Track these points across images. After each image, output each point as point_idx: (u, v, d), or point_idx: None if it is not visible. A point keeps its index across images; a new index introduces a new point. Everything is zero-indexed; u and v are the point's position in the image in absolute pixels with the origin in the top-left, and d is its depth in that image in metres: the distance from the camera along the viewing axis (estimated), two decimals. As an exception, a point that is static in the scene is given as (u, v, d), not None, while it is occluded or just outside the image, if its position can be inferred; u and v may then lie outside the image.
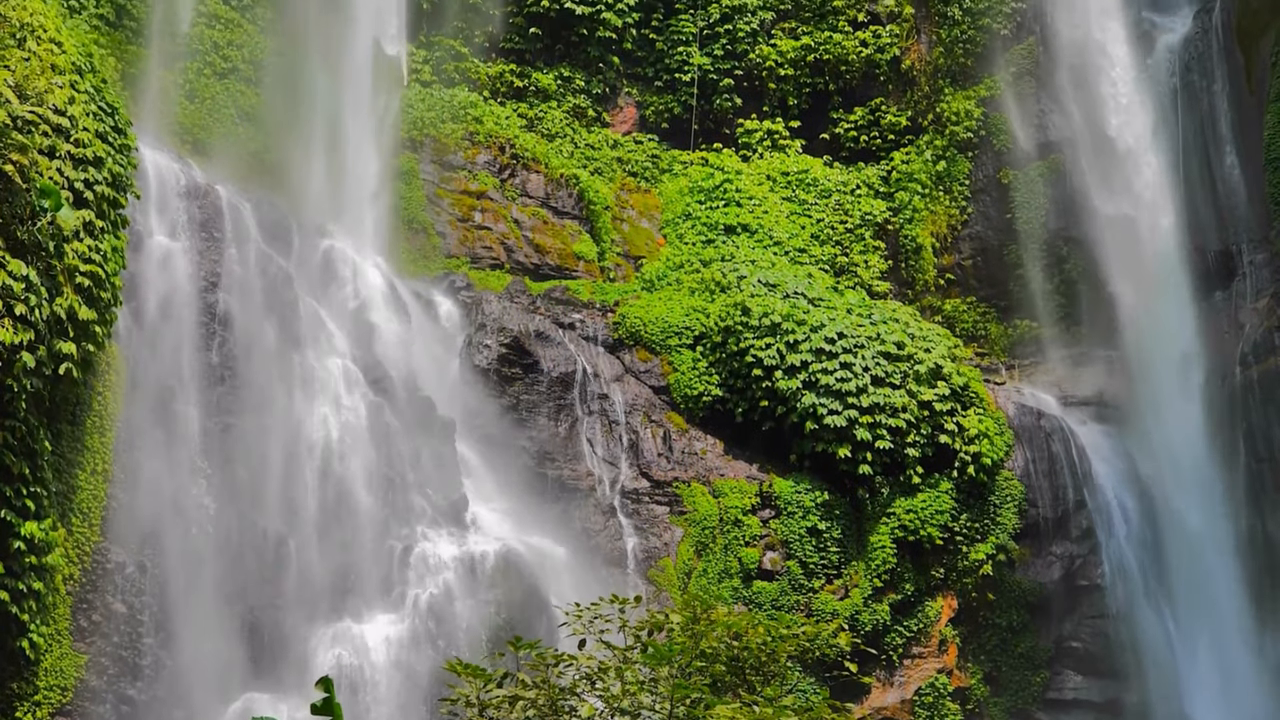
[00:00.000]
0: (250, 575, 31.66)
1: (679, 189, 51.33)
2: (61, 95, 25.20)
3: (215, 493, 31.70)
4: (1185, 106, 48.57)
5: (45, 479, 24.98)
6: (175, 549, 30.55)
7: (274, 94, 44.49)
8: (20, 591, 24.43)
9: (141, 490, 29.96)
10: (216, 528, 31.37)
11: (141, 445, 30.32)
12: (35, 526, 24.12)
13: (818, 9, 54.46)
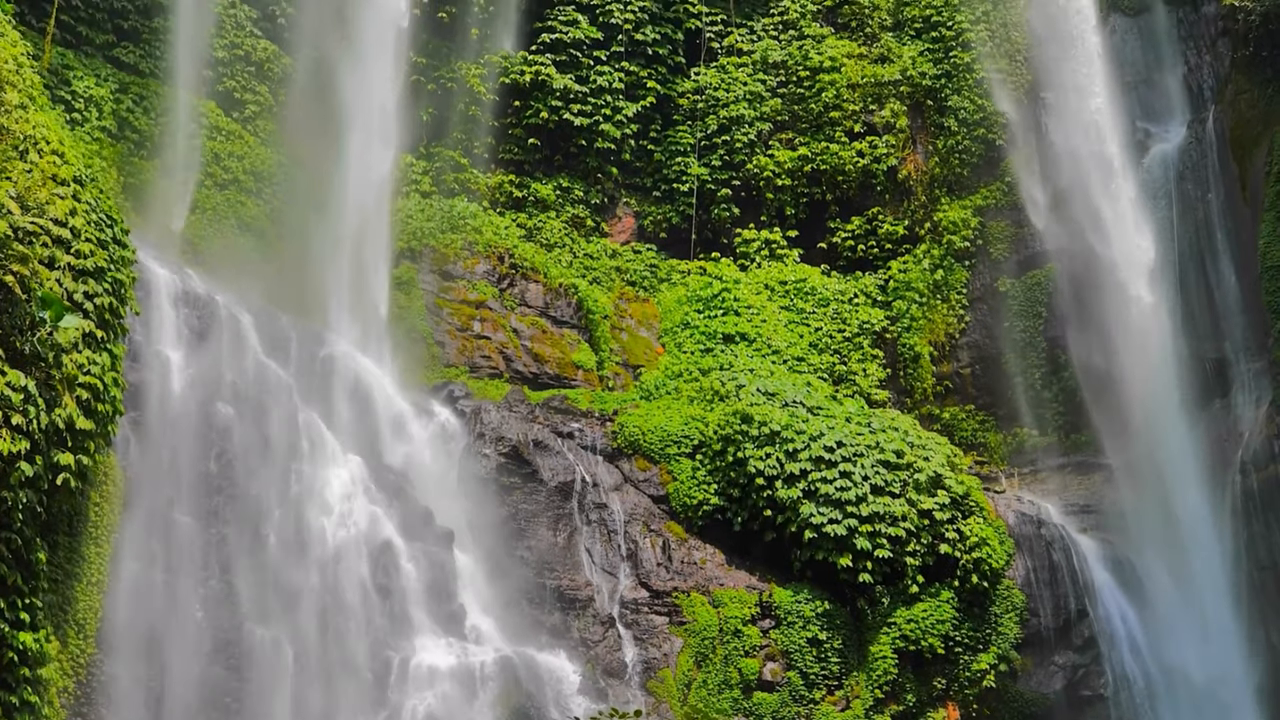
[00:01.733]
0: (247, 686, 31.33)
1: (677, 298, 51.48)
2: (63, 206, 25.31)
3: (212, 603, 31.44)
4: (1181, 215, 48.87)
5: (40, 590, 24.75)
6: (171, 661, 30.22)
7: (274, 205, 44.77)
8: (13, 705, 24.11)
9: (138, 602, 29.68)
10: (213, 638, 31.09)
11: (138, 556, 30.08)
12: (30, 638, 23.86)
13: (814, 120, 54.95)
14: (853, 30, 56.89)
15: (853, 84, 54.87)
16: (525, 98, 53.65)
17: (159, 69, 44.30)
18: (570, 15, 54.98)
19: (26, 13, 40.37)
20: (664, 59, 56.83)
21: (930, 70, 54.06)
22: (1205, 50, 52.21)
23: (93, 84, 41.75)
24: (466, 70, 52.73)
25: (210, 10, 45.80)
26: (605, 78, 54.50)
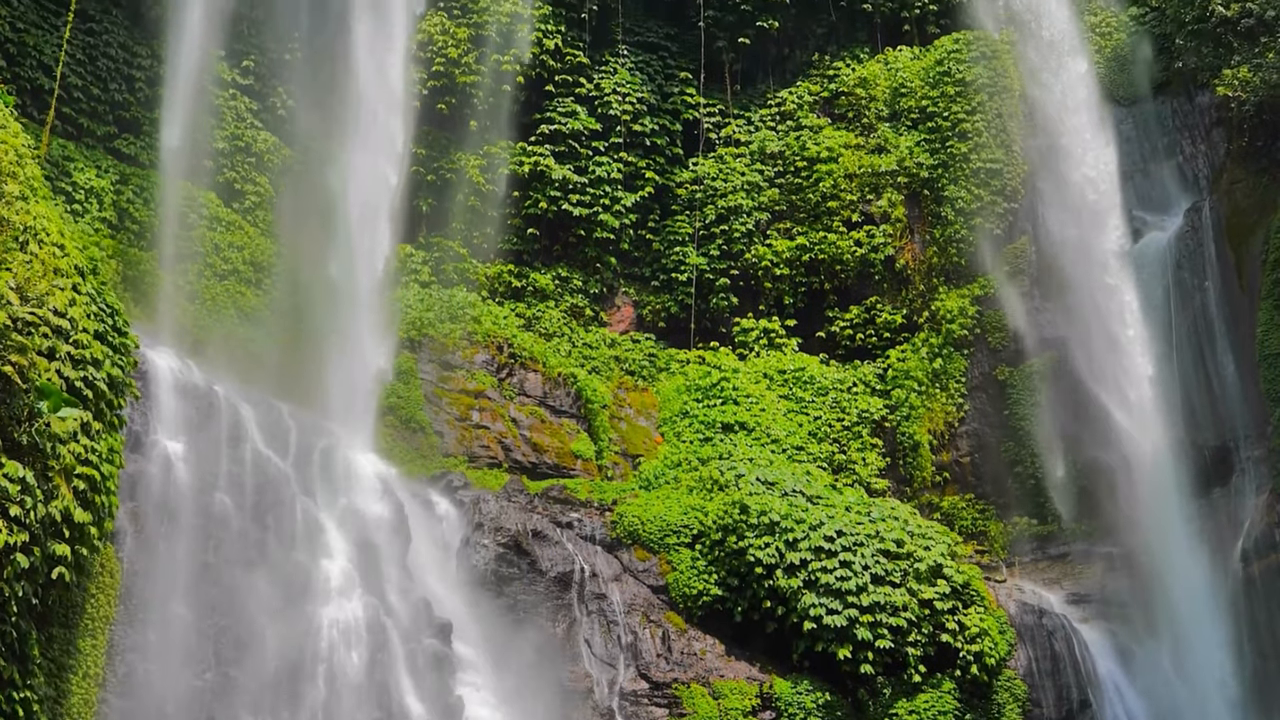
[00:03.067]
0: (244, 781, 31.02)
1: (676, 387, 51.45)
2: (62, 297, 25.32)
3: (209, 696, 31.16)
4: (1178, 303, 48.95)
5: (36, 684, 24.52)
6: (167, 755, 29.96)
7: (274, 295, 44.86)
8: (7, 800, 23.87)
9: (134, 694, 29.41)
10: (209, 732, 30.80)
11: (135, 648, 29.85)
12: (24, 732, 23.65)
13: (812, 210, 55.19)
14: (849, 121, 57.28)
15: (850, 174, 55.16)
16: (524, 188, 53.95)
17: (159, 160, 44.51)
18: (569, 107, 55.41)
19: (29, 105, 40.67)
20: (662, 149, 57.22)
21: (927, 160, 54.36)
22: (1200, 140, 52.55)
23: (93, 175, 41.98)
24: (466, 161, 53.08)
25: (211, 102, 46.12)
26: (604, 168, 54.84)
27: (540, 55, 55.16)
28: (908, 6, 59.84)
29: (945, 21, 58.89)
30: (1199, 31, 49.32)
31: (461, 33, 53.92)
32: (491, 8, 54.29)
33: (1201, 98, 52.39)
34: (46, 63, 42.02)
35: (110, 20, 45.51)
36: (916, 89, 56.30)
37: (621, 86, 56.57)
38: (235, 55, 48.58)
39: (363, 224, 45.54)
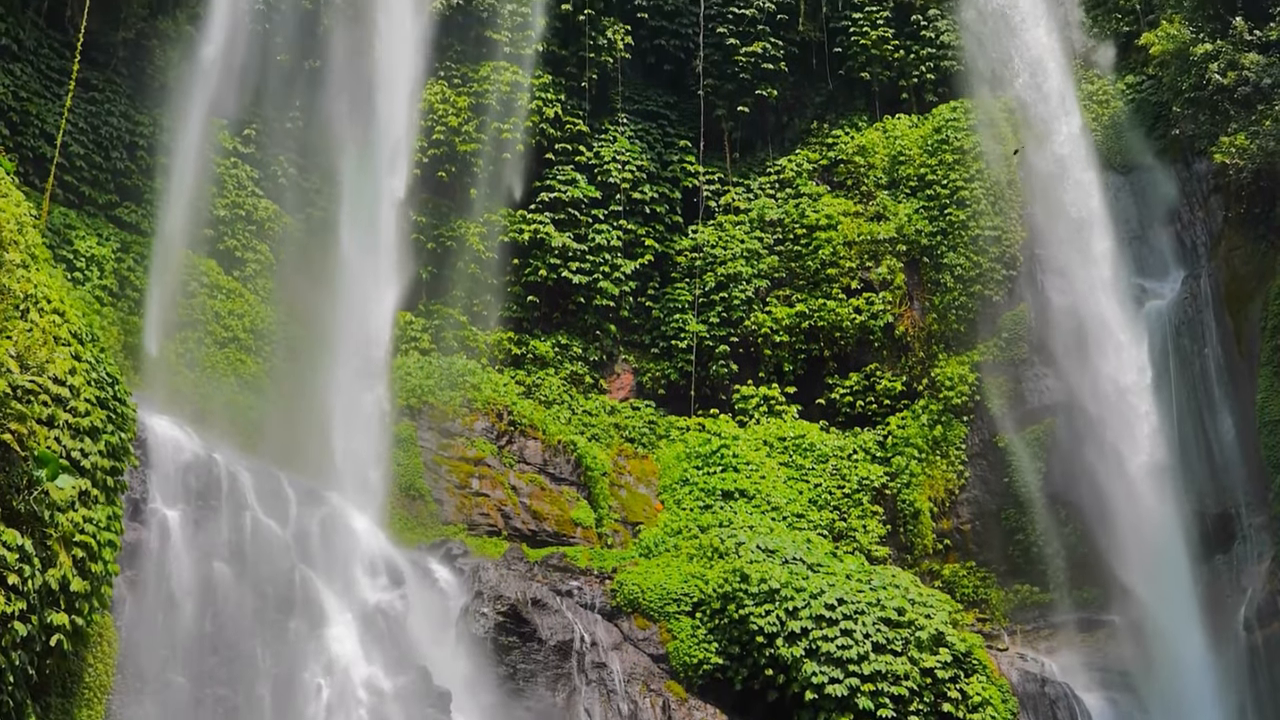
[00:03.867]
0: None
1: (676, 454, 51.36)
2: (62, 365, 25.32)
3: (205, 766, 30.95)
4: (1178, 370, 48.94)
5: (31, 754, 24.36)
6: (164, 826, 29.69)
7: (274, 362, 44.87)
8: None
9: (130, 765, 29.21)
10: (206, 803, 30.56)
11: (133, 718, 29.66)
12: (19, 804, 23.44)
13: (811, 277, 55.30)
14: (848, 188, 57.51)
15: (849, 241, 55.31)
16: (524, 255, 54.09)
17: (160, 228, 44.63)
18: (569, 174, 55.64)
19: (31, 173, 40.82)
20: (662, 217, 57.41)
21: (926, 227, 54.53)
22: (1198, 207, 52.71)
23: (94, 243, 42.07)
24: (466, 228, 53.23)
25: (212, 170, 46.31)
26: (604, 236, 55.01)
27: (540, 123, 55.45)
28: (906, 75, 60.19)
29: (943, 90, 59.23)
30: (1196, 99, 49.54)
31: (462, 101, 54.22)
32: (492, 76, 54.62)
33: (1199, 165, 52.58)
34: (49, 131, 42.21)
35: (113, 89, 45.77)
36: (915, 156, 56.55)
37: (621, 154, 56.83)
38: (237, 124, 48.84)
39: (363, 292, 45.61)
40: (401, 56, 50.05)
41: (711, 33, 59.86)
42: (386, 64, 49.84)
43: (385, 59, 49.84)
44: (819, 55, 60.94)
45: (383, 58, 49.85)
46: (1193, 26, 49.78)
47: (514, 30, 55.65)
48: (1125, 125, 56.02)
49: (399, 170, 48.99)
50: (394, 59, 49.91)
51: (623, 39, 58.35)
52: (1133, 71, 57.10)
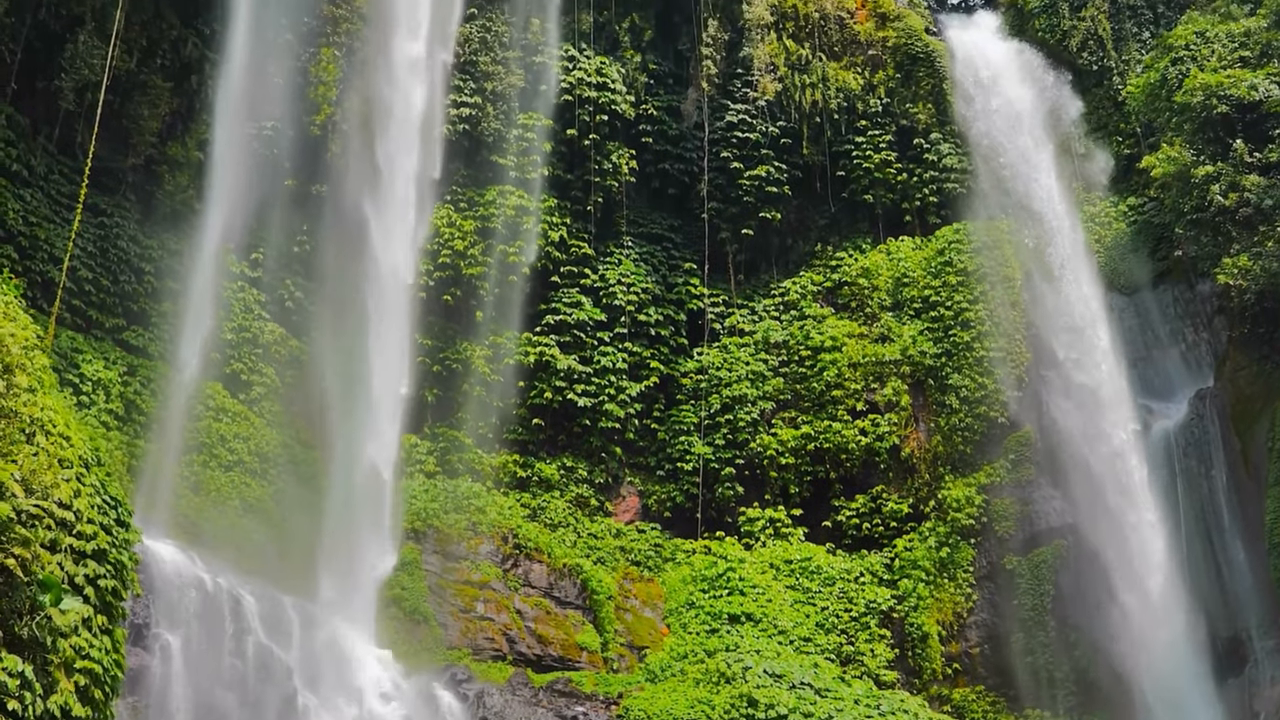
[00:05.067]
0: None
1: (682, 578, 51.04)
2: (67, 489, 25.22)
3: None
4: (1186, 491, 48.79)
5: None
6: None
7: (279, 485, 44.76)
8: None
9: None
10: None
11: None
12: None
13: (817, 399, 55.29)
14: (853, 310, 57.70)
15: (854, 363, 55.39)
16: (530, 378, 54.14)
17: (167, 352, 44.73)
18: (574, 297, 55.84)
19: (39, 297, 40.96)
20: (667, 339, 57.54)
21: (931, 349, 54.60)
22: (1202, 327, 52.86)
23: (101, 367, 42.11)
24: (471, 351, 53.32)
25: (219, 294, 46.50)
26: (609, 358, 55.09)
27: (546, 247, 55.74)
28: (909, 198, 60.61)
29: (946, 212, 59.64)
30: (1198, 221, 49.83)
31: (468, 225, 54.57)
32: (498, 201, 55.02)
33: (1203, 286, 52.80)
34: (58, 255, 42.42)
35: (122, 214, 46.06)
36: (919, 278, 56.79)
37: (626, 277, 57.07)
38: (244, 248, 49.10)
39: (368, 414, 45.64)
40: (407, 182, 50.46)
41: (715, 157, 60.37)
42: (392, 190, 50.24)
43: (391, 185, 50.25)
44: (822, 179, 61.43)
45: (389, 184, 50.26)
46: (1193, 149, 50.19)
47: (520, 155, 56.16)
48: (1128, 247, 56.34)
49: (404, 294, 49.16)
50: (400, 185, 50.32)
51: (627, 163, 58.83)
52: (1134, 194, 57.55)
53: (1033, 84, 61.51)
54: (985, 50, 63.46)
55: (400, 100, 51.31)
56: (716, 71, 61.23)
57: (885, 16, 63.53)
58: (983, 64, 62.34)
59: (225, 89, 46.86)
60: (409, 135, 51.22)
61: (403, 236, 49.43)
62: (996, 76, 61.76)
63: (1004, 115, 60.28)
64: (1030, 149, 59.00)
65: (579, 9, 59.93)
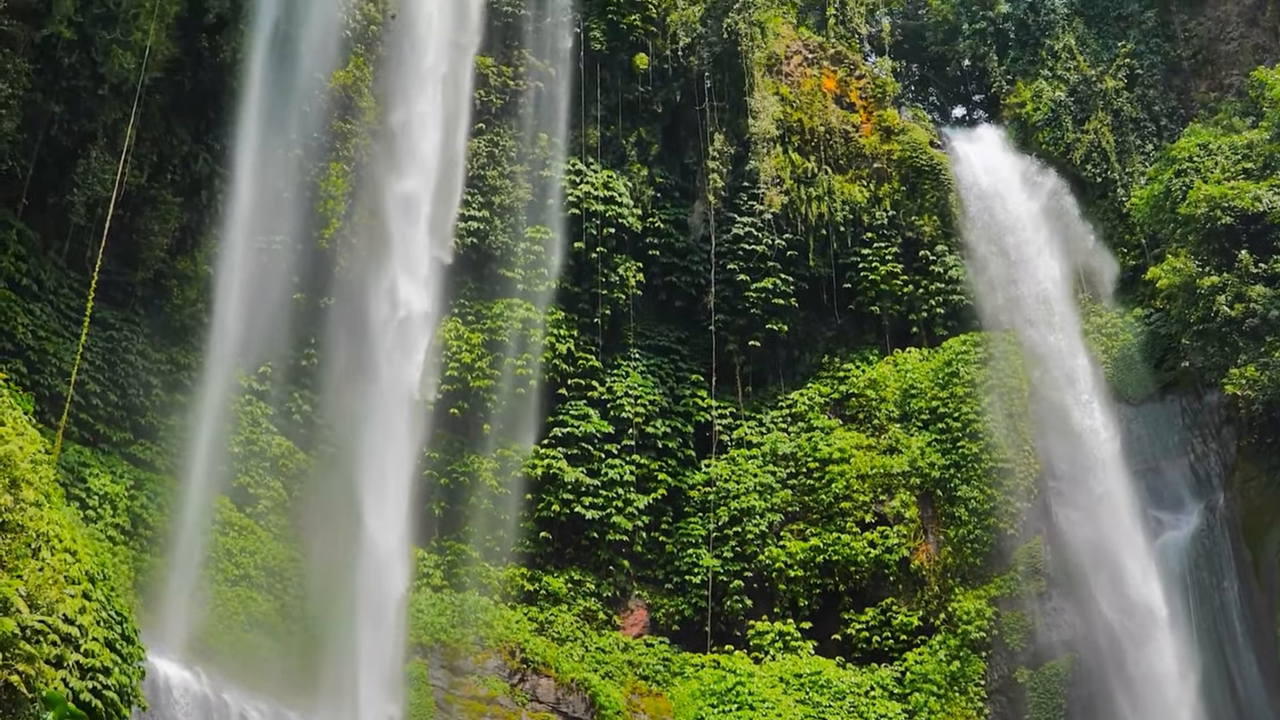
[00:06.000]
0: None
1: (691, 692, 50.61)
2: (72, 605, 25.16)
3: None
4: (1197, 603, 48.51)
5: None
6: None
7: (285, 600, 44.56)
8: None
9: None
10: None
11: None
12: None
13: (825, 511, 55.12)
14: (860, 422, 57.68)
15: (862, 475, 55.26)
16: (537, 490, 54.01)
17: (175, 465, 44.72)
18: (581, 409, 55.84)
19: (47, 411, 41.02)
20: (674, 452, 57.47)
21: (939, 461, 54.50)
22: (1211, 438, 52.75)
23: (108, 481, 42.08)
24: (479, 464, 53.25)
25: (227, 408, 46.55)
26: (616, 470, 54.98)
27: (553, 359, 55.84)
28: (915, 310, 60.77)
29: (952, 323, 59.76)
30: (1204, 332, 49.95)
31: (476, 338, 54.72)
32: (505, 314, 55.21)
33: (1210, 396, 52.78)
34: (66, 369, 42.53)
35: (131, 328, 46.23)
36: (926, 390, 56.80)
37: (633, 389, 57.11)
38: (253, 361, 49.17)
39: (376, 529, 45.51)
40: (416, 295, 50.72)
41: (722, 269, 60.63)
42: (400, 303, 50.49)
43: (399, 298, 50.51)
44: (829, 290, 61.63)
45: (397, 297, 50.53)
46: (1198, 260, 50.43)
47: (528, 268, 56.46)
48: (1135, 357, 56.39)
49: (412, 408, 49.25)
50: (408, 298, 50.59)
51: (635, 276, 59.08)
52: (1141, 304, 57.69)
53: (1037, 196, 61.93)
54: (990, 163, 63.95)
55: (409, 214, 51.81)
56: (723, 185, 61.69)
57: (890, 130, 64.08)
58: (987, 177, 62.80)
59: (235, 203, 47.26)
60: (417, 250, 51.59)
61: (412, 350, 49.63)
62: (1001, 189, 62.19)
63: (1009, 227, 60.62)
64: (1036, 260, 59.27)
65: (586, 123, 60.52)
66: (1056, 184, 62.43)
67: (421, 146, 53.43)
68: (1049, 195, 61.99)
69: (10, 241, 42.51)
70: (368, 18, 53.60)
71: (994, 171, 63.26)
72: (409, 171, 52.67)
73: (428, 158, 53.23)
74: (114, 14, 44.13)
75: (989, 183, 62.50)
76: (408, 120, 53.74)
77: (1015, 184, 62.54)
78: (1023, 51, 68.70)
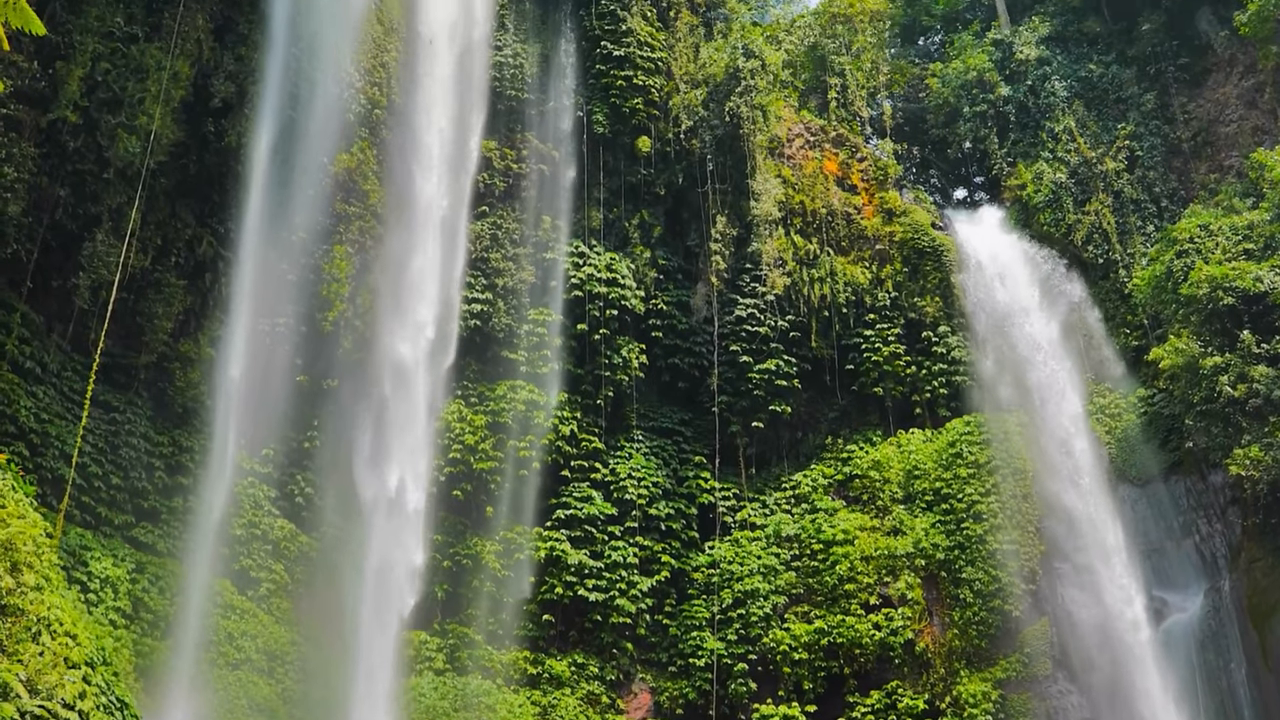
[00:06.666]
0: None
1: (695, 777, 50.27)
2: (72, 689, 24.99)
3: None
4: (1205, 687, 48.19)
5: None
6: None
7: (287, 684, 44.30)
8: None
9: None
10: None
11: None
12: None
13: (829, 593, 54.86)
14: (864, 503, 57.56)
15: (866, 556, 55.05)
16: (540, 573, 53.84)
17: (176, 548, 44.62)
18: (585, 491, 55.75)
19: (49, 494, 40.97)
20: (678, 533, 57.32)
21: (943, 542, 54.31)
22: (1216, 519, 52.56)
23: (110, 564, 41.97)
24: (482, 546, 53.10)
25: (230, 490, 46.51)
26: (620, 553, 54.81)
27: (556, 441, 55.85)
28: (918, 390, 60.78)
29: (956, 404, 59.76)
30: (1208, 412, 49.91)
31: (479, 420, 54.73)
32: (509, 395, 55.27)
33: (1215, 477, 52.63)
34: (68, 452, 42.52)
35: (134, 410, 46.26)
36: (930, 471, 56.71)
37: (636, 471, 57.03)
38: (255, 443, 49.17)
39: (378, 613, 45.37)
40: (419, 379, 50.87)
41: (725, 350, 60.74)
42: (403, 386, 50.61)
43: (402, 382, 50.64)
44: (832, 371, 61.70)
45: (400, 381, 50.66)
46: (1201, 340, 50.48)
47: (531, 350, 56.59)
48: (1139, 438, 56.30)
49: (415, 490, 49.22)
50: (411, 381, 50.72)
51: (638, 358, 59.16)
52: (1144, 385, 57.68)
53: (1039, 277, 62.16)
54: (992, 244, 64.21)
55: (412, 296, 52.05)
56: (725, 266, 61.92)
57: (892, 212, 64.40)
58: (989, 257, 63.04)
59: (238, 286, 47.46)
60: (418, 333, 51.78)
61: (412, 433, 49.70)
62: (1003, 270, 62.42)
63: (1011, 308, 60.77)
64: (1038, 341, 59.37)
65: (589, 206, 60.89)
66: (1057, 265, 62.68)
67: (425, 230, 53.79)
68: (1050, 276, 62.22)
69: (14, 325, 42.61)
70: (372, 101, 54.01)
71: (996, 253, 63.51)
72: (413, 254, 52.97)
73: (431, 241, 53.57)
74: (120, 98, 44.50)
75: (991, 264, 62.72)
76: (412, 204, 54.12)
77: (1017, 265, 62.79)
78: (1023, 134, 69.13)
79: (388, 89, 55.09)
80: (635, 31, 63.83)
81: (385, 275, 52.96)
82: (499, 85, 60.82)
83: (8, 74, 41.14)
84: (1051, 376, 58.14)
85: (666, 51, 65.15)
